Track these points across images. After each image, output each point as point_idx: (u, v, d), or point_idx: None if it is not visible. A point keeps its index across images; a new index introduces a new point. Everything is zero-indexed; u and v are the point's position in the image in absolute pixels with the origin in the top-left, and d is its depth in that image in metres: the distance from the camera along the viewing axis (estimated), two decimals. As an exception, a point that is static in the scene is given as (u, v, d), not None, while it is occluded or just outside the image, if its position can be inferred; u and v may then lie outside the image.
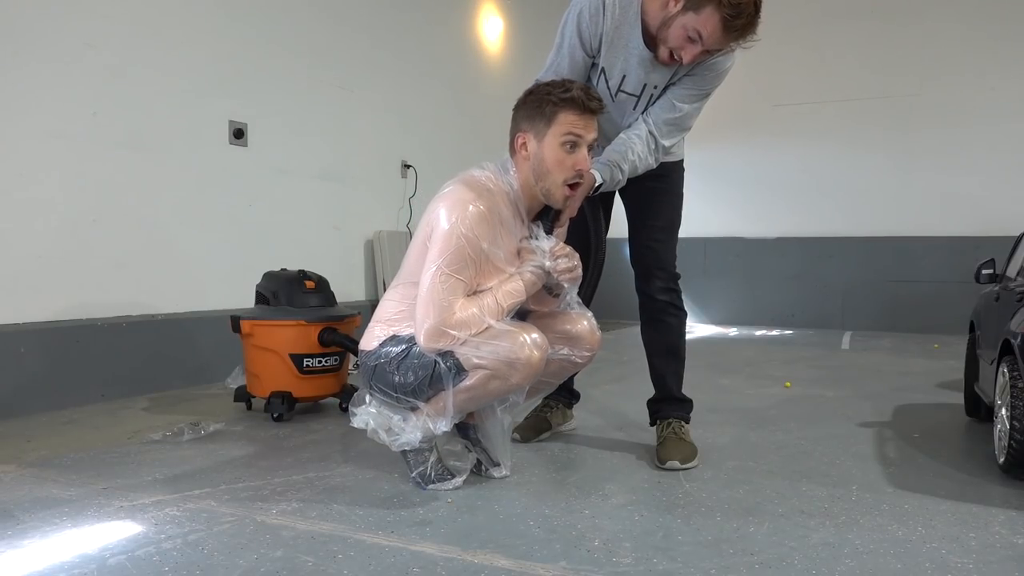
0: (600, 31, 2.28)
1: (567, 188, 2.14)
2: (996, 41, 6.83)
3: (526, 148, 2.14)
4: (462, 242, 2.02)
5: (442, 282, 2.02)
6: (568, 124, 2.09)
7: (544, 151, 2.11)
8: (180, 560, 1.66)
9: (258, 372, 3.12)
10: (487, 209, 2.06)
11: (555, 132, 2.10)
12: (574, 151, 2.11)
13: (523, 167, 2.16)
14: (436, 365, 2.05)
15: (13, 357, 3.17)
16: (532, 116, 2.13)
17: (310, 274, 3.23)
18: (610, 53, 2.31)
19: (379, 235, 5.29)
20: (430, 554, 1.70)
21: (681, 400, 2.62)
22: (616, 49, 2.30)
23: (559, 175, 2.12)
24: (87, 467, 2.40)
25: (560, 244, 2.21)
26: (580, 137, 2.10)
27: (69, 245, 3.42)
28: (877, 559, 1.69)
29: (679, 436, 2.49)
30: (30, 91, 3.25)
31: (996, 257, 3.30)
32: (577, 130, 2.09)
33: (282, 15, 4.53)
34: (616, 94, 2.37)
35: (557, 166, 2.11)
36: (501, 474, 2.28)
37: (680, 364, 2.63)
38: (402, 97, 5.56)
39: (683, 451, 2.42)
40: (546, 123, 2.10)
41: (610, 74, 2.34)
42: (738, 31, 2.13)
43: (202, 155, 4.04)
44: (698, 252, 7.89)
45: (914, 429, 3.01)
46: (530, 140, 2.13)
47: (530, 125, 2.13)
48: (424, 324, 2.03)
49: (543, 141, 2.11)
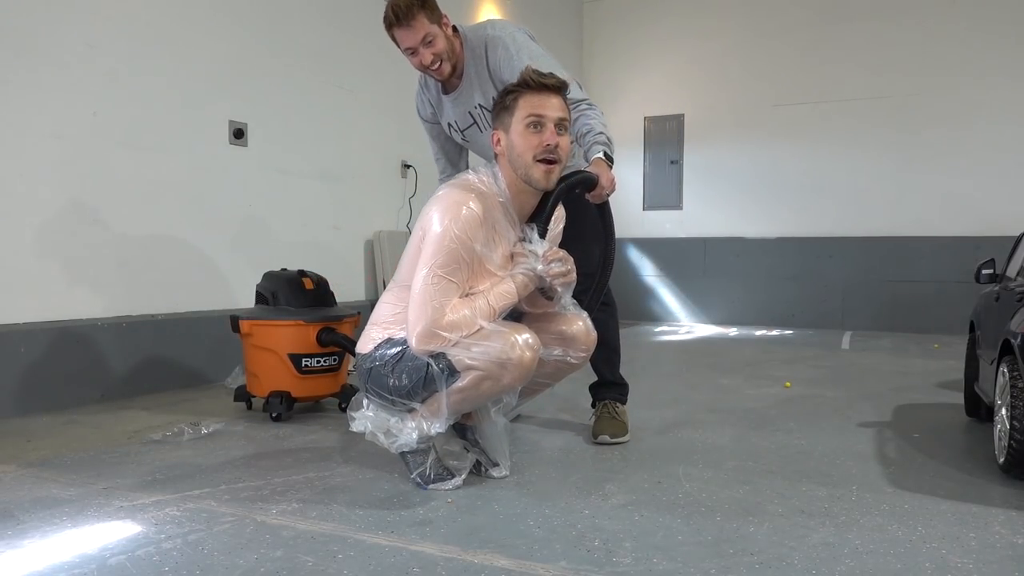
0: (428, 102, 2.81)
1: (541, 165, 2.14)
2: (996, 41, 6.83)
3: (500, 143, 2.18)
4: (455, 244, 2.03)
5: (434, 283, 2.03)
6: (527, 107, 2.13)
7: (513, 138, 2.15)
8: (180, 560, 1.66)
9: (257, 372, 3.12)
10: (480, 211, 2.07)
11: (518, 118, 2.14)
12: (540, 130, 2.13)
13: (504, 165, 2.19)
14: (429, 367, 2.05)
15: (13, 357, 3.17)
16: (499, 113, 2.19)
17: (310, 274, 3.23)
18: (442, 112, 2.78)
19: (379, 235, 5.29)
20: (430, 554, 1.70)
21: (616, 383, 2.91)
22: (441, 108, 2.77)
23: (528, 154, 2.13)
24: (87, 467, 2.40)
25: (553, 248, 2.22)
26: (541, 116, 2.13)
27: (69, 245, 3.42)
28: (877, 559, 1.69)
29: (611, 415, 2.78)
30: (31, 91, 3.25)
31: (996, 257, 3.30)
32: (536, 110, 2.13)
33: (282, 16, 4.53)
34: (464, 134, 2.76)
35: (525, 146, 2.13)
36: (501, 474, 2.28)
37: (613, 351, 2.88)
38: (402, 97, 5.53)
39: (614, 427, 2.73)
40: (509, 113, 2.15)
41: (454, 124, 2.77)
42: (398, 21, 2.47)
43: (202, 155, 4.04)
44: (698, 252, 7.89)
45: (914, 429, 3.01)
46: (501, 135, 2.18)
47: (499, 122, 2.19)
48: (416, 326, 2.03)
49: (510, 130, 2.15)
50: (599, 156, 2.38)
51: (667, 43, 8.12)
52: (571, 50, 8.45)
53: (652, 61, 8.20)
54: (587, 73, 8.48)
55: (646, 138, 8.26)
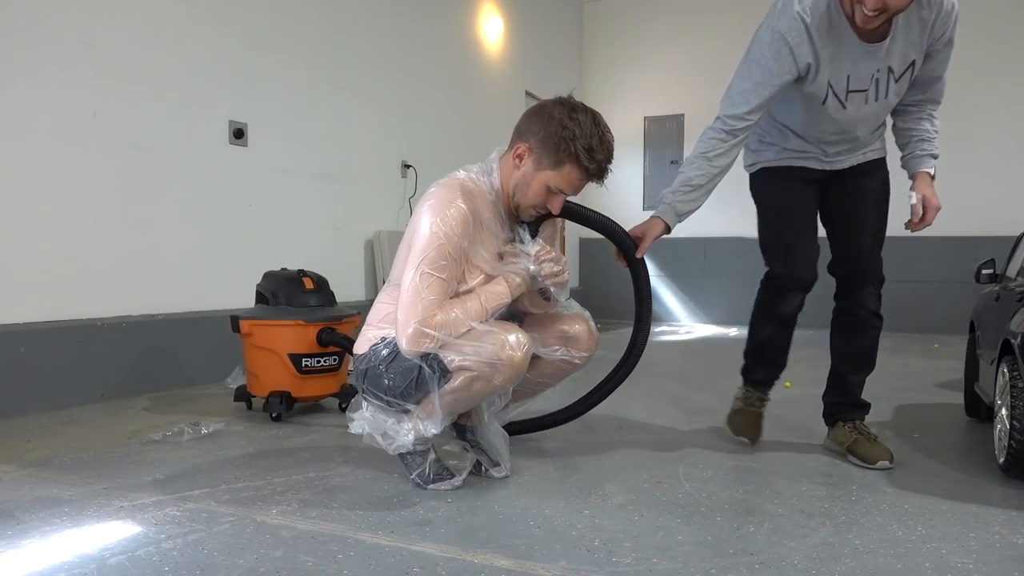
0: (811, 51, 2.25)
1: (533, 211, 2.20)
2: (996, 41, 6.82)
3: (521, 160, 2.15)
4: (443, 241, 2.02)
5: (423, 282, 2.01)
6: (569, 180, 2.13)
7: (534, 180, 2.13)
8: (180, 560, 1.66)
9: (257, 372, 3.12)
10: (468, 209, 2.07)
11: (554, 176, 2.12)
12: (556, 195, 2.16)
13: (510, 173, 2.17)
14: (421, 369, 2.04)
15: (13, 357, 3.17)
16: (546, 145, 2.10)
17: (309, 274, 3.23)
18: (828, 64, 2.28)
19: (379, 235, 5.29)
20: (430, 554, 1.70)
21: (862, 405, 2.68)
22: (835, 55, 2.26)
23: (533, 201, 2.17)
24: (87, 467, 2.40)
25: (545, 247, 2.22)
26: (568, 193, 2.18)
27: (69, 245, 3.42)
28: (877, 559, 1.69)
29: (869, 436, 2.55)
30: (30, 91, 3.25)
31: (996, 257, 3.30)
32: (570, 188, 2.16)
33: (282, 15, 4.53)
34: (847, 98, 2.35)
35: (536, 197, 2.16)
36: (501, 474, 2.28)
37: (869, 370, 2.67)
38: (402, 97, 5.56)
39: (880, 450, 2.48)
40: (553, 163, 2.11)
41: (836, 82, 2.31)
42: None
43: (202, 155, 4.04)
44: (698, 252, 7.89)
45: (914, 429, 3.01)
46: (529, 160, 2.13)
47: (540, 149, 2.11)
48: (405, 328, 2.01)
49: (540, 172, 2.12)
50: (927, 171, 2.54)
51: (667, 43, 8.12)
52: (571, 50, 8.45)
53: (652, 61, 8.20)
54: (587, 73, 8.48)
55: (646, 138, 8.26)
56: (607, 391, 2.57)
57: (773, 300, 2.70)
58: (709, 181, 2.47)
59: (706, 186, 2.47)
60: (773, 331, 2.73)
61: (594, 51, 8.54)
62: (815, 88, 2.33)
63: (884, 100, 2.39)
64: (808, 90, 2.34)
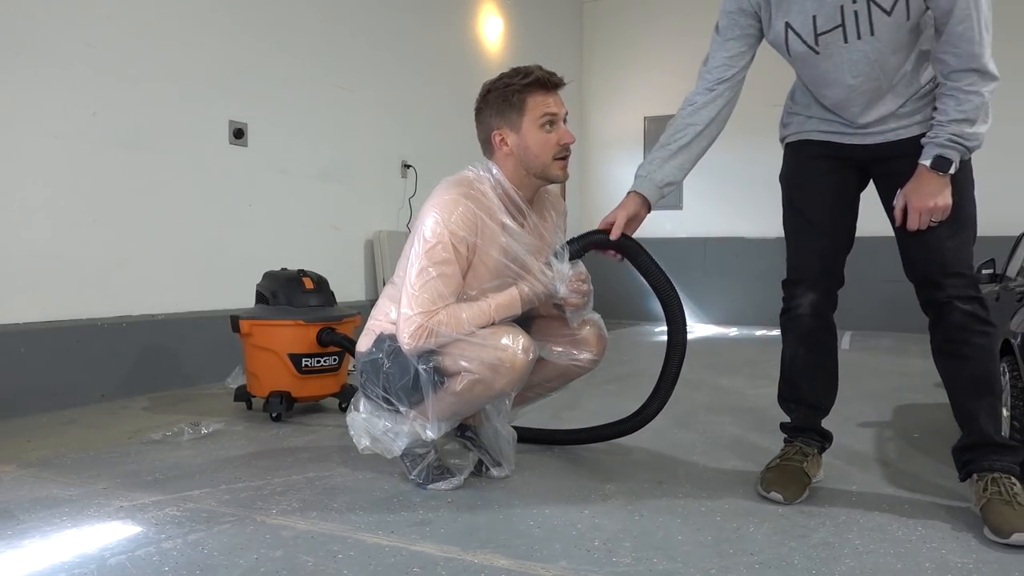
0: None
1: (560, 162, 2.16)
2: (996, 41, 6.82)
3: (507, 143, 2.14)
4: (446, 238, 2.00)
5: (425, 279, 1.99)
6: (540, 105, 2.12)
7: (526, 139, 2.12)
8: (180, 560, 1.66)
9: (257, 372, 3.12)
10: (475, 207, 2.05)
11: (530, 117, 2.11)
12: (553, 128, 2.14)
13: (507, 163, 2.15)
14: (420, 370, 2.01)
15: (13, 357, 3.17)
16: (502, 110, 2.13)
17: (310, 274, 3.23)
18: (783, 5, 1.97)
19: (379, 235, 5.29)
20: (430, 554, 1.70)
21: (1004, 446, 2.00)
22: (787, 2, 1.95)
23: (547, 155, 2.14)
24: (87, 467, 2.40)
25: (580, 273, 2.20)
26: (555, 114, 2.14)
27: (69, 245, 3.42)
28: (877, 559, 1.69)
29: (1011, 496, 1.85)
30: (30, 91, 3.25)
31: (996, 257, 3.30)
32: (550, 108, 2.13)
33: (282, 15, 4.53)
34: (817, 42, 1.96)
35: (542, 148, 2.13)
36: (502, 474, 2.28)
37: (996, 398, 2.05)
38: (402, 97, 5.56)
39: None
40: (518, 112, 2.12)
41: (799, 24, 1.96)
42: None
43: (202, 155, 4.04)
44: (698, 252, 7.89)
45: (914, 429, 3.01)
46: (508, 134, 2.13)
47: (503, 120, 2.13)
48: (406, 322, 1.99)
49: (521, 130, 2.12)
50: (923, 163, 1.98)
51: (667, 42, 8.12)
52: (571, 50, 8.45)
53: (652, 61, 8.20)
54: (587, 73, 8.47)
55: (646, 138, 8.26)
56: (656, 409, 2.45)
57: (786, 307, 2.31)
58: (692, 140, 2.12)
59: (689, 147, 2.12)
60: (795, 349, 2.26)
61: (594, 51, 8.53)
62: (773, 36, 2.03)
63: (874, 39, 1.92)
64: (769, 39, 2.06)
